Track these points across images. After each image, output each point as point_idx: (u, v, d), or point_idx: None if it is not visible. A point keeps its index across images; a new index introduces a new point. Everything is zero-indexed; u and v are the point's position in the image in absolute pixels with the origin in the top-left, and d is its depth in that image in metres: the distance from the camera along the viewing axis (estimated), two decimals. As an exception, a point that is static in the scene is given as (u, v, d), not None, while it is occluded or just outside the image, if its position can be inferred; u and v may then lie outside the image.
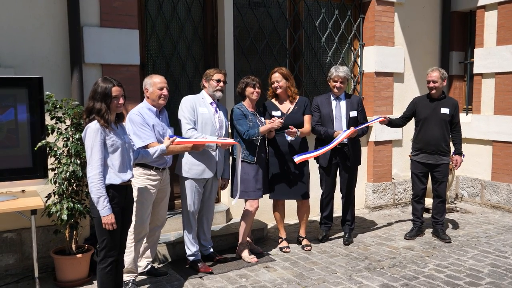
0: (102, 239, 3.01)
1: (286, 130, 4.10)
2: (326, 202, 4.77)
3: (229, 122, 4.19)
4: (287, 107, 4.36)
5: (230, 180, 4.22)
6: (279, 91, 4.30)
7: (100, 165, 2.88)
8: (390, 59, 5.95)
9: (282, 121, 4.01)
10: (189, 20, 4.91)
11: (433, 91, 4.66)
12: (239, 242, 4.29)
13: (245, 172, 4.07)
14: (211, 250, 4.21)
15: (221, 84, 3.93)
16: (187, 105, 3.85)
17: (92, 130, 2.87)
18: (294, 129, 4.08)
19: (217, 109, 4.00)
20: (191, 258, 4.01)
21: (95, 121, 2.90)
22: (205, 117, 3.88)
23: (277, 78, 4.29)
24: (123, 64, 4.20)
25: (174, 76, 4.86)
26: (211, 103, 3.96)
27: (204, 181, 3.96)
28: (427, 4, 6.30)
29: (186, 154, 3.86)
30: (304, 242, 4.59)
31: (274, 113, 4.30)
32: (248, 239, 4.37)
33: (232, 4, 4.93)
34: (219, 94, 3.94)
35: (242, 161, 4.04)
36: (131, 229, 3.41)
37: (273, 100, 4.42)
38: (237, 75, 4.98)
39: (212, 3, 4.97)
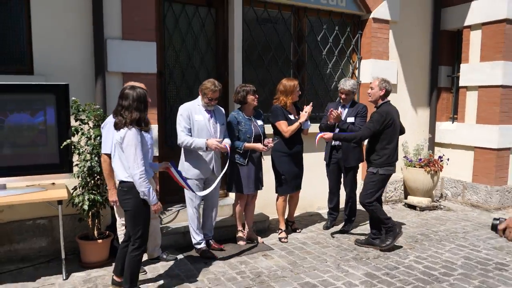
0: (137, 229, 3.00)
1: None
2: (330, 196, 4.98)
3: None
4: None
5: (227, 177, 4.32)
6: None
7: (143, 163, 2.92)
8: (385, 71, 5.89)
9: (272, 145, 4.11)
10: (202, 34, 4.93)
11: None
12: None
13: (239, 171, 4.16)
14: (210, 240, 4.17)
15: (212, 102, 3.86)
16: (183, 113, 3.86)
17: (134, 133, 2.91)
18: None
19: (212, 114, 3.97)
20: (197, 246, 4.06)
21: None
22: (201, 124, 3.89)
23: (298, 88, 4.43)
24: (142, 72, 4.21)
25: (189, 84, 4.88)
26: (206, 110, 3.94)
27: (203, 179, 4.00)
28: (419, 23, 6.27)
29: (183, 160, 3.97)
30: (294, 226, 4.81)
31: (291, 116, 4.40)
32: (248, 228, 4.50)
33: (241, 20, 4.94)
34: (209, 107, 3.91)
35: (235, 162, 4.15)
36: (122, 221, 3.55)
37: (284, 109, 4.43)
38: (245, 84, 4.96)
39: (223, 19, 4.98)
